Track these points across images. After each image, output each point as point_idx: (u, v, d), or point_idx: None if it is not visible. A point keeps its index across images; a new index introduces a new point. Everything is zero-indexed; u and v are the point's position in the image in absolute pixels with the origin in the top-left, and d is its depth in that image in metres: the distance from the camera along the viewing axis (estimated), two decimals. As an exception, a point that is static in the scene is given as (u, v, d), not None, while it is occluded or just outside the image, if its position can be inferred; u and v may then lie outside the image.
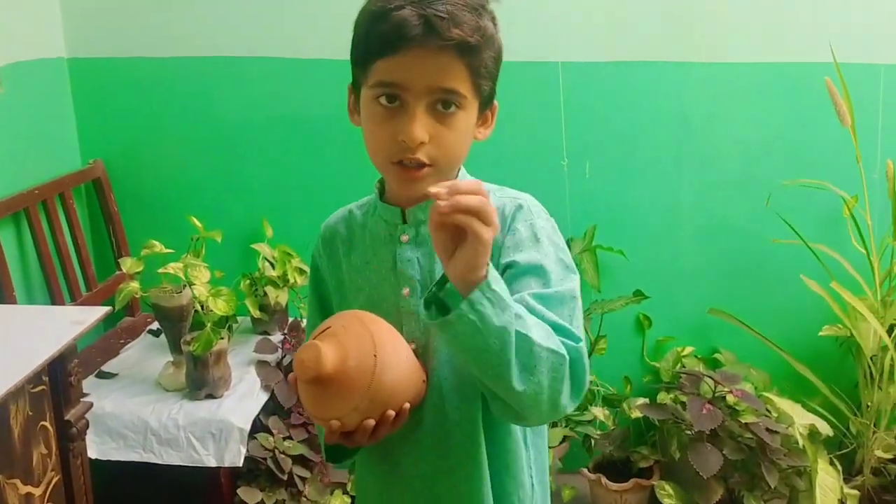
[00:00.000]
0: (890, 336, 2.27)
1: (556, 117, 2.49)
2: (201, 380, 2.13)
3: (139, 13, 2.52)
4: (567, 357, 1.00)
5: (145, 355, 2.41)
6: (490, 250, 0.94)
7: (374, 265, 1.20)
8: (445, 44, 1.02)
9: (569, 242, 2.52)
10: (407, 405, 1.07)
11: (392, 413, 1.05)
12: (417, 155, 1.05)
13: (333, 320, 1.11)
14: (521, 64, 2.44)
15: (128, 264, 2.19)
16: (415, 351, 1.13)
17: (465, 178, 1.18)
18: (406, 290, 1.16)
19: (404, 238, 1.17)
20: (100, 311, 1.61)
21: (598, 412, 2.46)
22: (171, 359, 2.25)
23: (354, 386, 1.03)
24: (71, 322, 1.55)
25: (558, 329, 1.03)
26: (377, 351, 1.04)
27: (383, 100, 1.06)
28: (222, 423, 2.07)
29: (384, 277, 1.18)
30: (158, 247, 2.21)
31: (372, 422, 1.04)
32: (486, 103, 1.12)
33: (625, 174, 2.56)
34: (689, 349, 2.60)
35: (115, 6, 2.53)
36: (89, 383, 2.21)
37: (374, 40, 1.05)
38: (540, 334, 0.99)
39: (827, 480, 2.11)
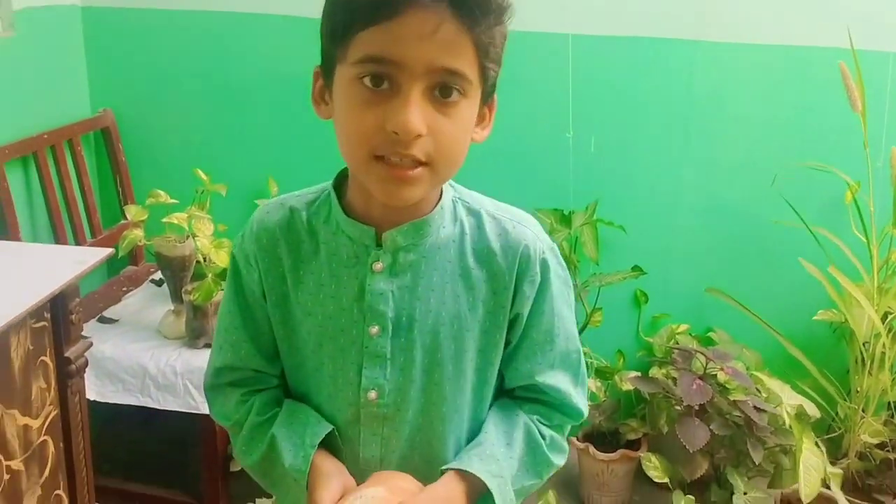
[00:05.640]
0: (884, 323, 2.29)
1: (564, 90, 2.49)
2: (200, 329, 2.16)
3: (155, -36, 2.53)
4: (560, 464, 1.11)
5: (147, 304, 2.44)
6: None
7: (332, 290, 1.00)
8: (454, 10, 0.83)
9: (570, 215, 2.53)
10: None
11: None
12: (412, 150, 0.86)
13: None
14: (531, 34, 2.44)
15: (133, 212, 2.22)
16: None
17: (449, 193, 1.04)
18: (375, 329, 0.99)
19: (377, 266, 0.98)
20: (103, 253, 1.64)
21: (591, 384, 2.48)
22: (172, 307, 2.28)
23: None
24: (74, 261, 1.58)
25: (563, 420, 1.11)
26: None
27: (367, 81, 0.86)
28: (219, 373, 2.10)
29: (345, 308, 1.00)
30: (164, 196, 2.23)
31: None
32: (488, 95, 0.94)
33: (629, 150, 2.56)
34: (683, 326, 2.62)
35: (131, -44, 2.54)
36: (90, 327, 2.24)
37: (359, 3, 0.85)
38: (535, 474, 1.07)
39: (811, 460, 2.14)
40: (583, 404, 1.11)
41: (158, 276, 2.54)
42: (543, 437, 1.07)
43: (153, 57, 2.60)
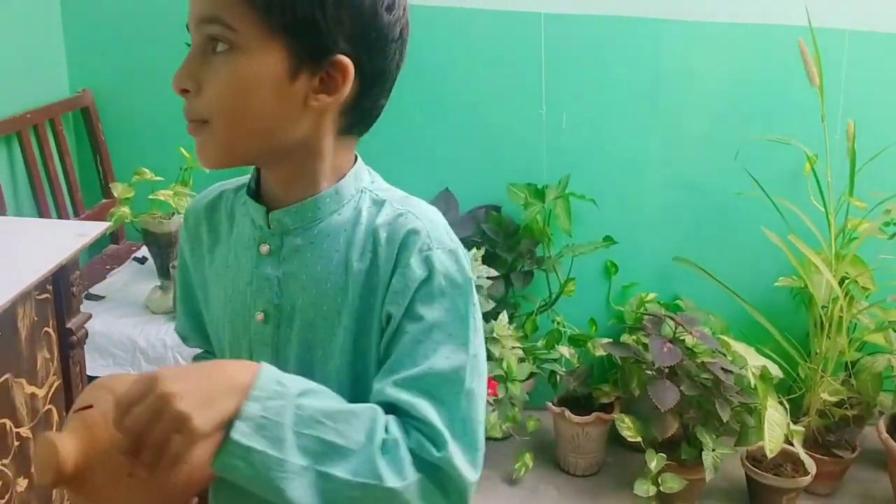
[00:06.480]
0: (841, 287, 2.42)
1: (537, 67, 2.58)
2: (188, 303, 2.21)
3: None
4: (389, 485, 0.78)
5: (132, 280, 2.48)
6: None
7: (234, 273, 0.94)
8: None
9: (543, 189, 2.62)
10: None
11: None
12: (189, 108, 0.84)
13: (90, 393, 0.82)
14: (505, 13, 2.53)
15: (119, 189, 2.26)
16: None
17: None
18: (260, 316, 0.91)
19: (263, 249, 0.91)
20: (102, 226, 1.69)
21: (565, 351, 2.59)
22: (159, 283, 2.33)
23: (111, 485, 0.77)
24: (75, 234, 1.63)
25: (424, 446, 0.80)
26: None
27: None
28: (209, 345, 2.16)
29: (240, 292, 0.93)
30: (148, 174, 2.28)
31: None
32: (308, 54, 0.82)
33: (600, 126, 2.66)
34: (652, 295, 2.73)
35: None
36: (78, 304, 2.28)
37: None
38: (350, 469, 0.78)
39: (775, 416, 2.26)
40: (459, 458, 0.81)
41: (141, 253, 2.58)
42: (387, 433, 0.80)
43: (131, 36, 2.62)
